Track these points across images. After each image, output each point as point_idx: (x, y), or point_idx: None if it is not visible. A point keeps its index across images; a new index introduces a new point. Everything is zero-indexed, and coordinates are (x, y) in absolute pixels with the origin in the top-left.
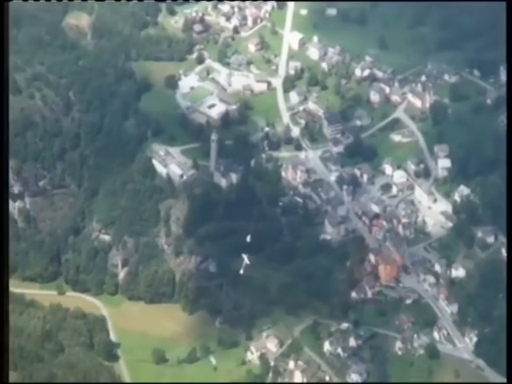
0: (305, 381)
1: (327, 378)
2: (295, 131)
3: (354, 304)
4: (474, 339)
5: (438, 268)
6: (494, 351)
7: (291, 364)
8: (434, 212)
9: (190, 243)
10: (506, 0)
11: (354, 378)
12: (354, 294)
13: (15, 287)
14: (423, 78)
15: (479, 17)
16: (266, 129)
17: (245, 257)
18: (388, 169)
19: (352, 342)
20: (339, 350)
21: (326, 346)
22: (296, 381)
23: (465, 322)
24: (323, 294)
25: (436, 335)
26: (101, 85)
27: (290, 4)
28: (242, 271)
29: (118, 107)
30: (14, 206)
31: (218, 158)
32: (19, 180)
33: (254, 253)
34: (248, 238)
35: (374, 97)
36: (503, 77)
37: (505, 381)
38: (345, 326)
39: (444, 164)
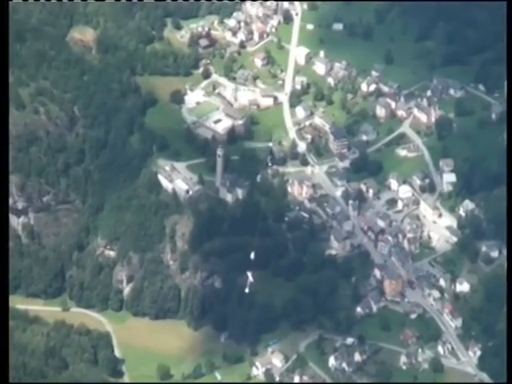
0: None
1: None
2: (301, 146)
3: (359, 319)
4: (478, 353)
5: (442, 283)
6: (497, 365)
7: (296, 379)
8: (439, 227)
9: (196, 259)
10: (506, 0)
11: None
12: (359, 309)
13: (19, 303)
14: (429, 93)
15: (485, 31)
16: (270, 144)
17: (249, 274)
18: (393, 184)
19: (357, 357)
20: (344, 365)
21: (331, 361)
22: None
23: (469, 336)
24: (328, 309)
25: (440, 349)
26: (106, 100)
27: (297, 19)
28: (247, 290)
29: (123, 122)
30: (17, 222)
31: (223, 174)
32: (23, 195)
33: (259, 268)
34: (252, 255)
35: (380, 112)
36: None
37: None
38: (350, 340)
39: (449, 179)
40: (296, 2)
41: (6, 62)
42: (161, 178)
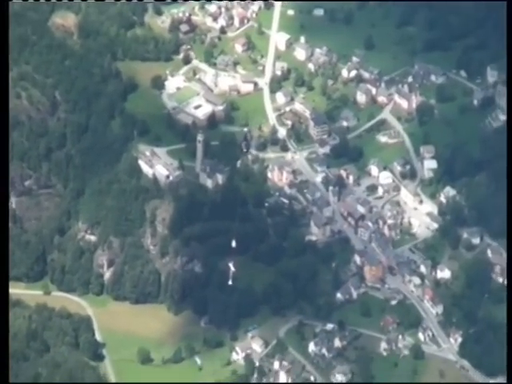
0: (290, 381)
1: (312, 379)
2: (281, 132)
3: (340, 305)
4: (459, 340)
5: (423, 269)
6: (478, 352)
7: (276, 364)
8: (420, 213)
9: (176, 244)
10: (507, 0)
11: (339, 378)
12: (339, 295)
13: None
14: (410, 79)
15: (467, 17)
16: (245, 130)
17: (231, 265)
18: (374, 170)
19: (337, 343)
20: (324, 351)
21: (311, 347)
22: (281, 381)
23: (450, 323)
24: (308, 295)
25: (421, 336)
26: (87, 85)
27: (277, 4)
28: (230, 282)
29: (104, 107)
30: None
31: (203, 159)
32: None
33: (239, 254)
34: (233, 243)
35: (361, 98)
36: (490, 78)
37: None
38: (330, 326)
39: (430, 165)
40: None
41: (6, 62)
42: (141, 163)
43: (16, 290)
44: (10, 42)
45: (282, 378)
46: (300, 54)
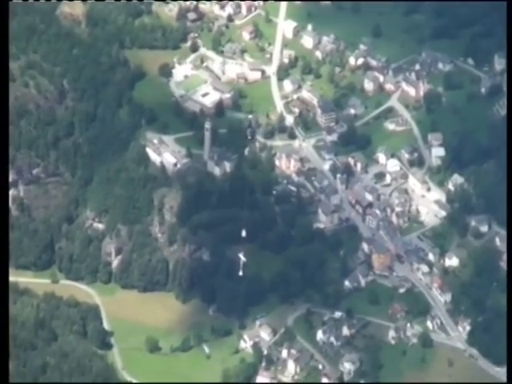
0: (298, 369)
1: (320, 367)
2: (289, 120)
3: (348, 293)
4: (468, 328)
5: (431, 257)
6: (487, 340)
7: (284, 353)
8: (428, 201)
9: (184, 232)
10: (507, 0)
11: (347, 366)
12: (347, 283)
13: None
14: (417, 67)
15: (474, 4)
16: (250, 117)
17: (241, 255)
18: (382, 157)
19: (345, 331)
20: (332, 339)
21: (319, 335)
22: (289, 369)
23: (458, 311)
24: (316, 283)
25: (429, 324)
26: (95, 73)
27: None
28: (240, 273)
29: (112, 95)
30: None
31: (211, 147)
32: (13, 168)
33: (247, 242)
34: (243, 233)
35: (368, 85)
36: (497, 65)
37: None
38: (338, 314)
39: (438, 153)
40: None
41: (6, 62)
42: (149, 151)
43: (24, 279)
44: (19, 30)
45: (291, 366)
46: (307, 41)
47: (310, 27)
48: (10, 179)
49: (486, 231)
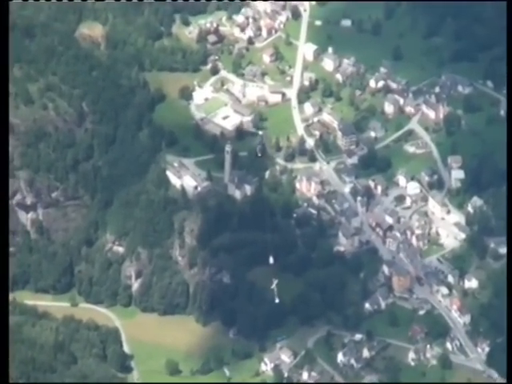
0: None
1: None
2: (309, 142)
3: (368, 315)
4: (487, 349)
5: (451, 279)
6: (506, 361)
7: (305, 375)
8: (448, 223)
9: (204, 255)
10: (507, 0)
11: None
12: (367, 305)
13: (28, 299)
14: (437, 90)
15: (493, 27)
16: (260, 133)
17: (274, 282)
18: (402, 180)
19: (365, 353)
20: (352, 361)
21: (340, 357)
22: None
23: (477, 333)
24: (337, 305)
25: (449, 346)
26: (114, 95)
27: (305, 15)
28: (277, 300)
29: (132, 118)
30: (26, 218)
31: (232, 170)
32: (32, 191)
33: (268, 264)
34: (271, 260)
35: (388, 108)
36: None
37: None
38: (358, 336)
39: (457, 175)
40: None
41: (6, 62)
42: (169, 174)
43: (43, 302)
44: (37, 52)
45: None
46: (328, 64)
47: (330, 50)
48: (29, 202)
49: (504, 253)
